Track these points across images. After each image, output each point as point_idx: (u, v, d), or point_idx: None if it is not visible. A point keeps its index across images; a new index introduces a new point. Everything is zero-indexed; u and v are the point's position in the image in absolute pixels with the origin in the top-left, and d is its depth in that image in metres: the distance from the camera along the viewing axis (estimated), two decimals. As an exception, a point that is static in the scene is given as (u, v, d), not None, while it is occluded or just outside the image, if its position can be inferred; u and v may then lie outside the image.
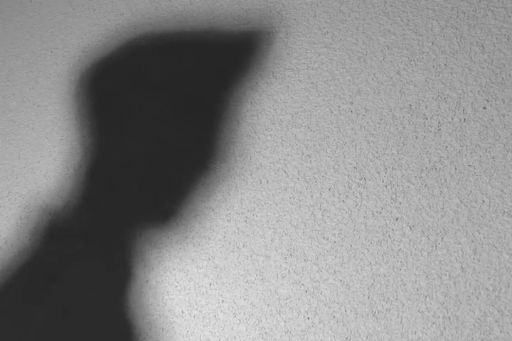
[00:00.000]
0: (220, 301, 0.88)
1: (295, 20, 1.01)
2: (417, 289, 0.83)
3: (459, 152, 0.89)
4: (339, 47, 0.98)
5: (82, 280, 0.91)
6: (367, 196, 0.89)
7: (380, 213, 0.88)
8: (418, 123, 0.91)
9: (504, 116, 0.89)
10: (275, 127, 0.95)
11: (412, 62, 0.95)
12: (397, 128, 0.92)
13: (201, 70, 1.02)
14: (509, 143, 0.88)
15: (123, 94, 1.03)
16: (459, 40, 0.94)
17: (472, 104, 0.91)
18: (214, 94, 1.00)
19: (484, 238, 0.84)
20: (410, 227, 0.86)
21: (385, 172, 0.90)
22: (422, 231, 0.86)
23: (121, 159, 0.98)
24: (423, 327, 0.82)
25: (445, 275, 0.83)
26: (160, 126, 0.99)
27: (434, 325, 0.82)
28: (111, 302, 0.89)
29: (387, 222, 0.87)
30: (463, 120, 0.90)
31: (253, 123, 0.96)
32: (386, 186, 0.89)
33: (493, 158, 0.87)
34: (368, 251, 0.86)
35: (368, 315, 0.84)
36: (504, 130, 0.88)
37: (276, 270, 0.88)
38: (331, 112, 0.94)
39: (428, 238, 0.85)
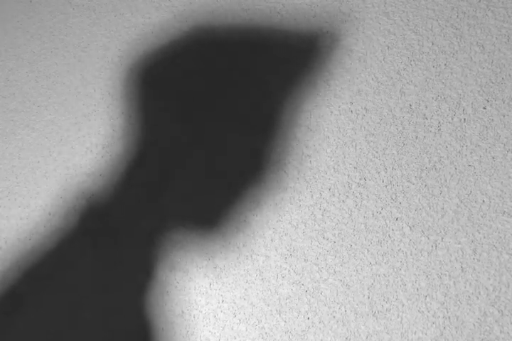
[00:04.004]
0: (220, 301, 0.88)
1: (295, 20, 1.01)
2: (417, 289, 0.83)
3: (459, 152, 0.89)
4: (339, 47, 0.98)
5: (82, 280, 0.91)
6: (367, 196, 0.89)
7: (380, 213, 0.88)
8: (418, 123, 0.91)
9: (504, 116, 0.89)
10: (276, 127, 0.95)
11: (412, 62, 0.95)
12: (397, 128, 0.92)
13: (201, 70, 1.02)
14: (509, 143, 0.88)
15: (124, 94, 1.03)
16: (459, 40, 0.94)
17: (472, 104, 0.91)
18: (213, 94, 1.00)
19: (484, 238, 0.84)
20: (410, 227, 0.86)
21: (385, 172, 0.90)
22: (422, 231, 0.86)
23: (124, 159, 0.98)
24: (423, 327, 0.82)
25: (445, 275, 0.83)
26: (158, 125, 0.99)
27: (434, 325, 0.82)
28: (111, 303, 0.89)
29: (387, 222, 0.87)
30: (463, 120, 0.90)
31: (253, 123, 0.96)
32: (386, 186, 0.89)
33: (493, 158, 0.87)
34: (368, 251, 0.86)
35: (368, 315, 0.84)
36: (504, 130, 0.88)
37: (276, 270, 0.88)
38: (331, 112, 0.94)
39: (428, 238, 0.85)
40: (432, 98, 0.92)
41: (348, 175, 0.90)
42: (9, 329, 0.90)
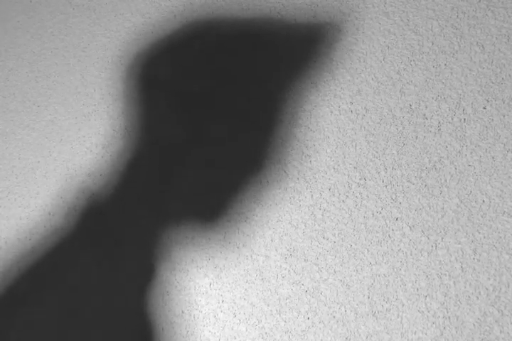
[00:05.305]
0: (220, 301, 0.88)
1: (295, 20, 1.01)
2: (417, 289, 0.83)
3: (459, 152, 0.89)
4: (339, 47, 0.98)
5: (82, 280, 0.91)
6: (367, 196, 0.89)
7: (380, 213, 0.88)
8: (418, 123, 0.91)
9: (504, 116, 0.89)
10: (276, 127, 0.95)
11: (412, 62, 0.95)
12: (397, 128, 0.92)
13: (201, 70, 1.02)
14: (509, 143, 0.88)
15: (124, 94, 1.03)
16: (459, 40, 0.94)
17: (472, 104, 0.91)
18: (213, 94, 1.00)
19: (484, 238, 0.84)
20: (410, 227, 0.86)
21: (385, 172, 0.90)
22: (422, 231, 0.86)
23: (124, 159, 0.98)
24: (423, 327, 0.82)
25: (445, 275, 0.83)
26: (158, 124, 0.99)
27: (434, 325, 0.82)
28: (111, 303, 0.89)
29: (387, 222, 0.87)
30: (463, 120, 0.90)
31: (253, 123, 0.96)
32: (386, 186, 0.89)
33: (493, 158, 0.87)
34: (368, 251, 0.86)
35: (368, 315, 0.84)
36: (504, 130, 0.88)
37: (276, 270, 0.88)
38: (331, 112, 0.94)
39: (428, 238, 0.85)
40: (432, 98, 0.92)
41: (348, 175, 0.91)
42: (9, 329, 0.90)
